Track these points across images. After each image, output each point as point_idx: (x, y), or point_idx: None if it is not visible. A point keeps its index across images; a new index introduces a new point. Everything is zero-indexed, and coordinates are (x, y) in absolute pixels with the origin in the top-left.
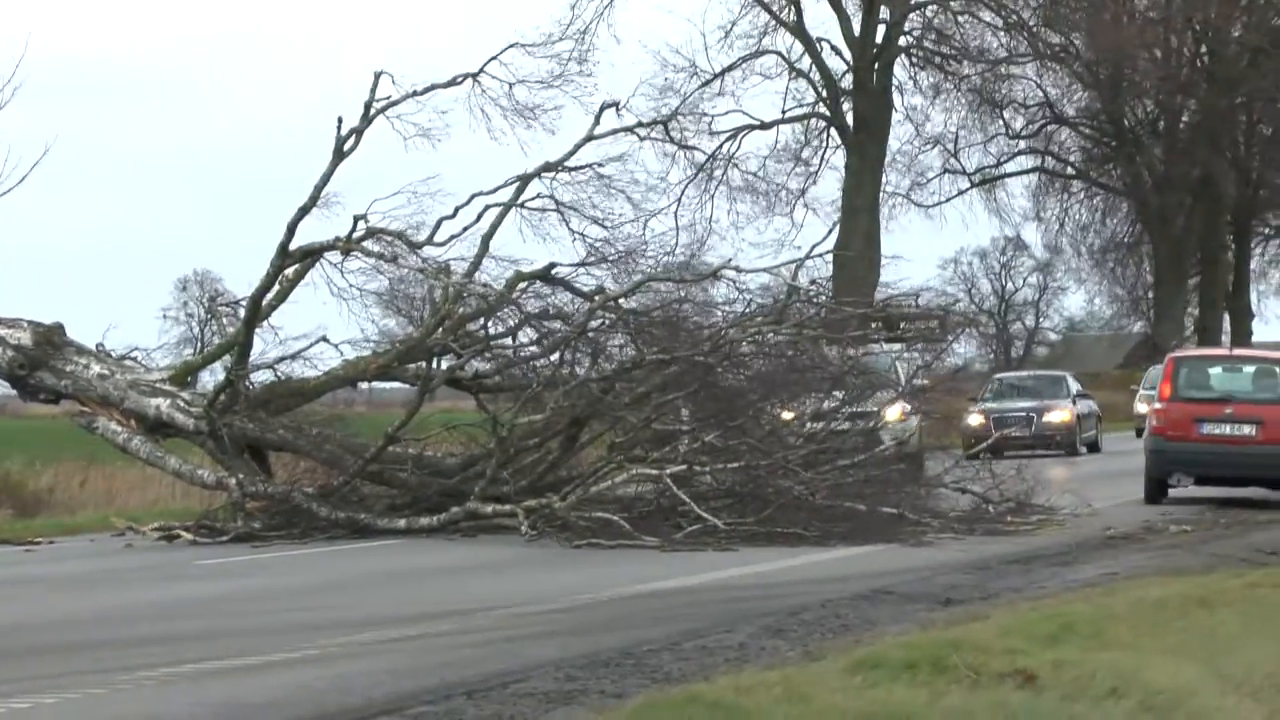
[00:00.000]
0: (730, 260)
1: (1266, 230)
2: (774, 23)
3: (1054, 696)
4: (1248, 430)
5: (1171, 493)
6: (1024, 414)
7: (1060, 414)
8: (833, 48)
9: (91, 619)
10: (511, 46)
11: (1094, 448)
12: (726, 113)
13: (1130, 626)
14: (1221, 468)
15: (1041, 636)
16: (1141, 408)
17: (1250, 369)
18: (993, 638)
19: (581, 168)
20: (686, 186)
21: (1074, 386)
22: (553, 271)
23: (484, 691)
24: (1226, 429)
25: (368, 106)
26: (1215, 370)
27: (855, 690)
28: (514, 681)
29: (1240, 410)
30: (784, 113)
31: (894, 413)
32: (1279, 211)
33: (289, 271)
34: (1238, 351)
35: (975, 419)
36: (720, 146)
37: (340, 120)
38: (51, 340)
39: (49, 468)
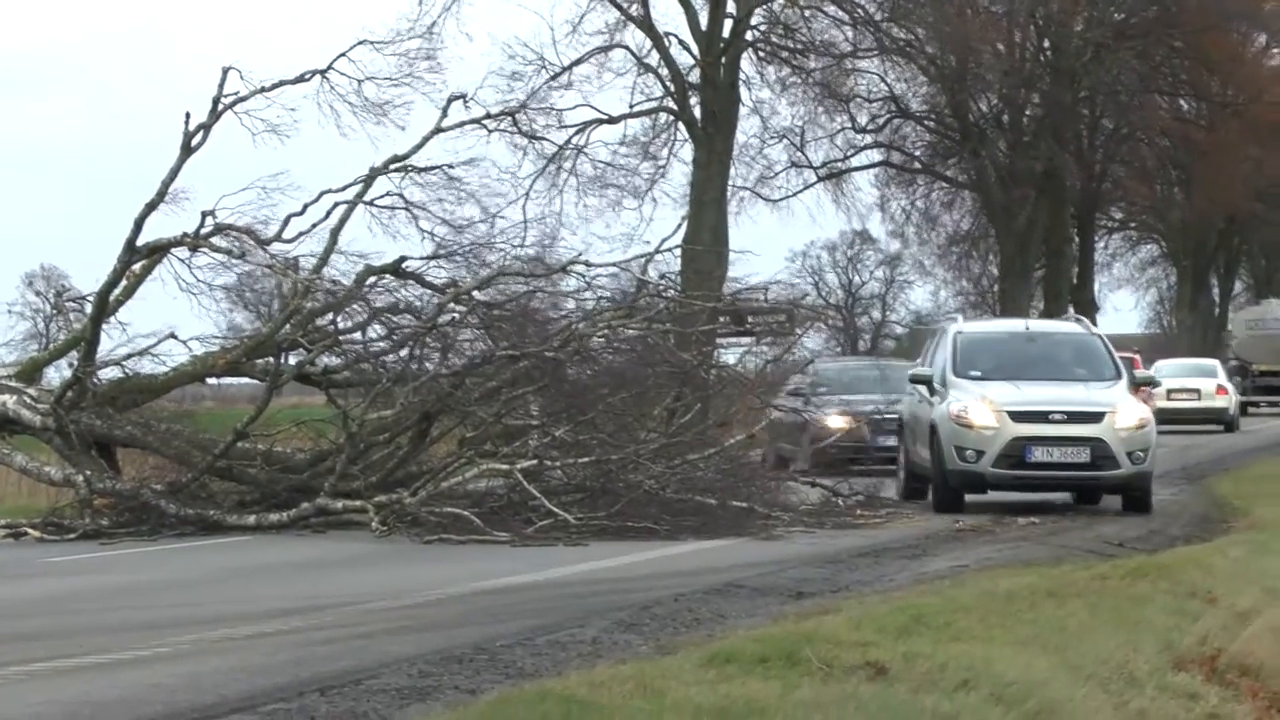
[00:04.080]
0: (580, 254)
1: (1110, 223)
2: (622, 18)
3: (905, 688)
4: None
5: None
6: None
7: None
8: (680, 42)
9: None
10: (360, 44)
11: None
12: (575, 106)
13: (980, 618)
14: None
15: (892, 629)
16: None
17: None
18: (844, 630)
19: (432, 169)
20: (535, 179)
21: None
22: (403, 265)
23: (337, 688)
24: None
25: (216, 102)
26: None
27: (708, 684)
28: (367, 678)
29: None
30: (632, 107)
31: (1128, 417)
32: (1122, 205)
33: (136, 267)
34: None
35: None
36: (569, 140)
37: (188, 115)
38: None
39: None
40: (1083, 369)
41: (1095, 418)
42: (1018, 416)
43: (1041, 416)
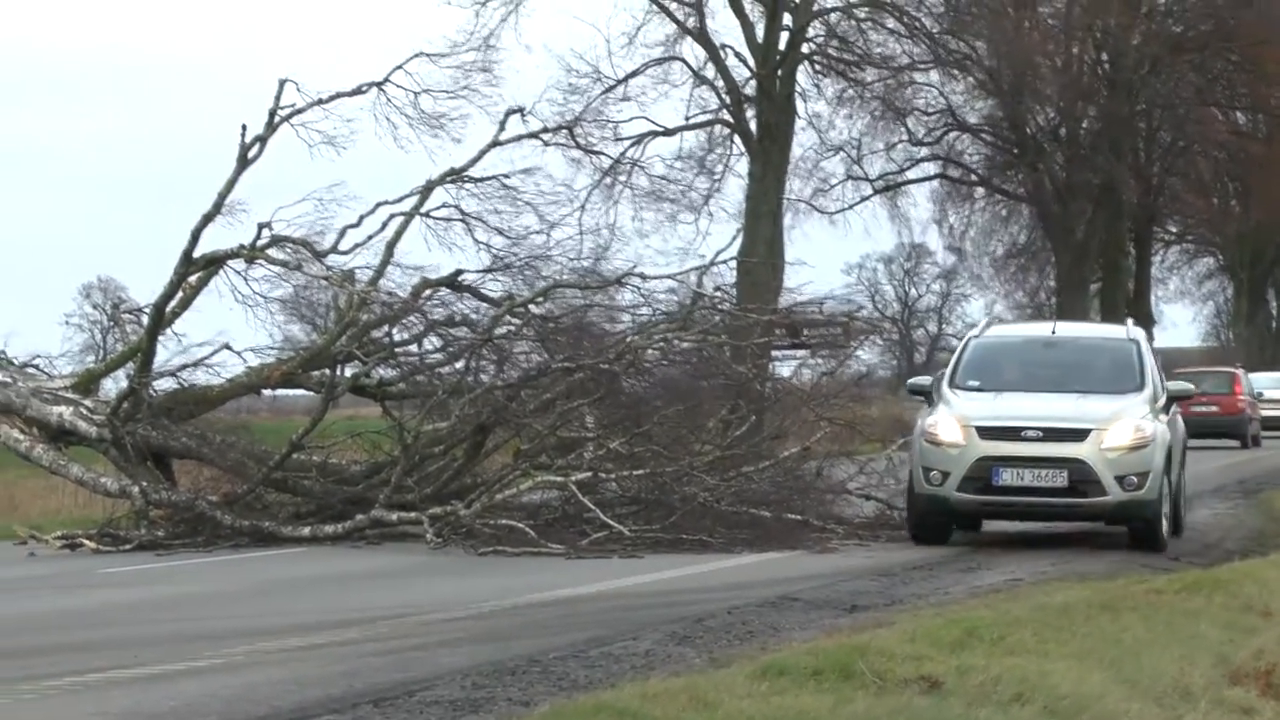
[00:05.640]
0: (635, 267)
1: (1167, 237)
2: (679, 30)
3: (959, 702)
4: None
5: None
6: None
7: None
8: (736, 54)
9: None
10: (416, 56)
11: None
12: (631, 119)
13: (1034, 632)
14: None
15: (946, 642)
16: None
17: None
18: (898, 644)
19: (488, 179)
20: (591, 192)
21: None
22: (459, 278)
23: (390, 700)
24: None
25: (272, 114)
26: None
27: (761, 697)
28: (420, 690)
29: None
30: (688, 119)
31: (1120, 435)
32: (1179, 218)
33: (192, 279)
34: None
35: None
36: (625, 152)
37: (244, 127)
38: None
39: None
40: (1102, 379)
41: (1078, 435)
42: (986, 433)
43: (1013, 433)
